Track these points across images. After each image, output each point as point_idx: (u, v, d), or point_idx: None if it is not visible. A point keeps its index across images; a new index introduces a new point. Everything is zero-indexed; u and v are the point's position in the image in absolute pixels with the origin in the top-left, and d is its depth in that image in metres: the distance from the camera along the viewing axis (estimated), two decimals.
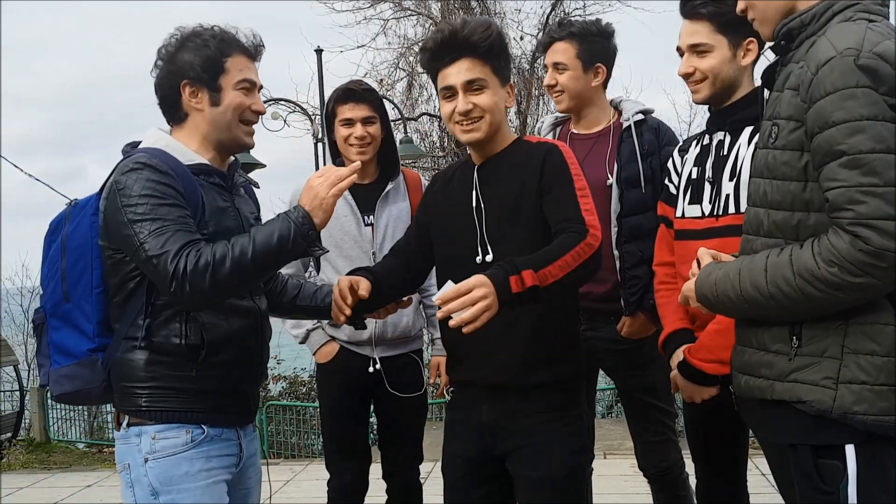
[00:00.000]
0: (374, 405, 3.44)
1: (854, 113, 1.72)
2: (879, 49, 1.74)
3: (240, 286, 2.15)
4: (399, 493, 3.44)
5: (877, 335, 1.79)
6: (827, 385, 1.82)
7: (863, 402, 1.78)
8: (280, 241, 2.08)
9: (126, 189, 2.07)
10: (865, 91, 1.72)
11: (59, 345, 2.23)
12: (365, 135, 3.27)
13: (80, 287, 2.18)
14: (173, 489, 2.12)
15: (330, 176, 2.17)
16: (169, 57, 2.23)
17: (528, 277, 2.08)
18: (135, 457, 2.14)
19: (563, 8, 13.57)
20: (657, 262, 2.82)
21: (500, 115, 2.41)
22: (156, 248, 2.01)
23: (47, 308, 2.24)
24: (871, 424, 1.78)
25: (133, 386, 2.15)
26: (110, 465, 8.03)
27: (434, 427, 8.94)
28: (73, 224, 2.22)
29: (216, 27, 2.25)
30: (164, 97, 2.26)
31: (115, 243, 2.13)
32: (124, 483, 2.18)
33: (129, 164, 2.11)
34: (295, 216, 2.12)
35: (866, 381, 1.79)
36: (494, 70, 2.38)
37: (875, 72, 1.72)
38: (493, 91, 2.38)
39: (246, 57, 2.26)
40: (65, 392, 2.22)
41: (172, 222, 2.05)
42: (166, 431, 2.13)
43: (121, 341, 2.16)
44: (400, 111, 12.18)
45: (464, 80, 2.36)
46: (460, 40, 2.34)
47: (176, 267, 2.00)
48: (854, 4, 1.88)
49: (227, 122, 2.23)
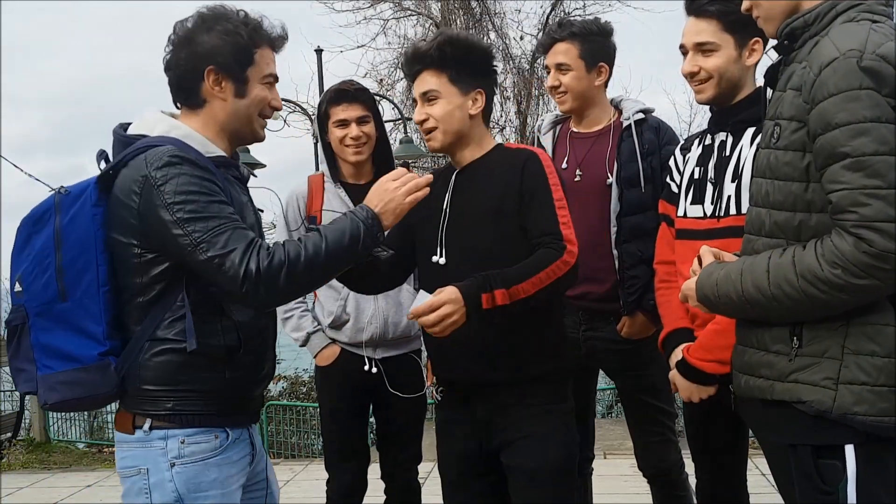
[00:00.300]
0: (374, 406, 3.44)
1: (857, 115, 1.71)
2: (882, 50, 1.74)
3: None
4: (398, 494, 3.44)
5: (877, 336, 1.79)
6: (827, 385, 1.82)
7: (863, 403, 1.78)
8: (351, 242, 2.04)
9: (168, 185, 1.94)
10: (868, 93, 1.72)
11: (51, 348, 2.02)
12: (360, 135, 3.27)
13: (81, 285, 1.99)
14: (200, 495, 2.03)
15: (408, 182, 2.16)
16: (189, 36, 2.09)
17: (499, 296, 2.22)
18: (157, 461, 2.02)
19: (563, 8, 13.58)
20: (658, 260, 2.82)
21: (457, 124, 2.45)
22: (218, 248, 1.91)
23: (31, 307, 2.02)
24: (870, 425, 1.78)
25: (161, 389, 2.03)
26: (110, 465, 8.03)
27: (434, 427, 8.96)
28: (68, 215, 2.00)
29: (242, 12, 2.12)
30: (179, 79, 2.11)
31: (152, 243, 1.99)
32: (135, 488, 2.05)
33: (164, 158, 1.97)
34: (364, 217, 2.08)
35: (866, 382, 1.78)
36: (451, 79, 2.42)
37: (878, 73, 1.72)
38: (448, 100, 2.42)
39: (271, 49, 2.17)
40: (64, 400, 2.02)
41: (227, 220, 1.96)
42: (196, 436, 2.04)
43: (144, 343, 2.03)
44: (400, 111, 12.19)
45: (419, 92, 2.46)
46: (418, 55, 2.45)
47: (247, 266, 1.90)
48: (858, 5, 1.87)
49: (248, 115, 2.15)
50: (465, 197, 2.46)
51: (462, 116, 2.44)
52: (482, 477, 2.48)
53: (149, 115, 2.14)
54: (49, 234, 2.01)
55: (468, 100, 2.44)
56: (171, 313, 2.03)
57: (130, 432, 2.06)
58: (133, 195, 1.98)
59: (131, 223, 1.99)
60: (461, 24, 13.66)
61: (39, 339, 2.03)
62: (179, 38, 2.11)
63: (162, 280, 2.02)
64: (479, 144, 2.50)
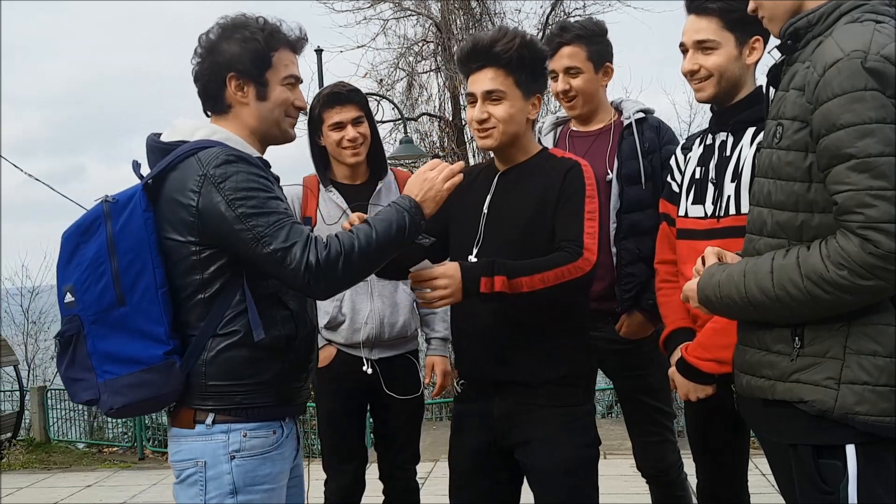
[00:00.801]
0: (371, 407, 3.44)
1: (862, 116, 1.71)
2: (886, 51, 1.74)
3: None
4: (397, 494, 3.43)
5: (879, 336, 1.80)
6: (829, 385, 1.82)
7: (864, 403, 1.79)
8: (398, 231, 2.13)
9: (229, 182, 2.03)
10: (873, 94, 1.72)
11: (110, 353, 2.05)
12: (357, 136, 3.26)
13: (139, 289, 2.04)
14: (253, 489, 2.11)
15: (444, 170, 2.24)
16: (211, 46, 2.19)
17: (498, 283, 2.25)
18: (217, 453, 2.09)
19: (562, 8, 13.55)
20: (659, 259, 2.82)
21: (515, 127, 2.45)
22: (280, 242, 2.01)
23: (86, 315, 2.05)
24: (872, 425, 1.79)
25: (228, 384, 2.09)
26: (110, 465, 8.03)
27: (434, 427, 8.96)
28: (119, 222, 2.05)
29: (261, 18, 2.22)
30: (205, 88, 2.22)
31: (212, 239, 2.06)
32: (189, 480, 2.11)
33: (222, 157, 2.07)
34: (407, 206, 2.17)
35: (868, 382, 1.79)
36: (517, 82, 2.42)
37: (882, 74, 1.72)
38: (512, 103, 2.42)
39: (290, 51, 2.25)
40: (130, 403, 2.06)
41: (285, 215, 2.06)
42: (258, 430, 2.12)
43: (207, 340, 2.09)
44: (400, 111, 12.18)
45: (483, 90, 2.42)
46: (485, 50, 2.41)
47: (307, 258, 2.00)
48: (862, 5, 1.87)
49: (274, 117, 2.23)
50: (506, 200, 2.48)
51: (521, 120, 2.47)
52: (492, 473, 2.49)
53: (181, 123, 2.21)
54: (101, 242, 2.05)
55: (528, 104, 2.47)
56: (232, 309, 2.09)
57: (190, 427, 2.12)
58: (191, 193, 2.05)
59: (189, 221, 2.06)
60: (461, 23, 13.65)
61: (97, 346, 2.06)
62: (203, 49, 2.20)
63: (222, 275, 2.09)
64: (527, 148, 2.52)
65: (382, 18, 13.54)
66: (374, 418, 3.49)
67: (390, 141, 12.50)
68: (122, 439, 9.73)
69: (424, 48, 13.82)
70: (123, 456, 8.80)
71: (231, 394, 2.10)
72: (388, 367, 3.33)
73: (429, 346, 3.50)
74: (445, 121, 13.80)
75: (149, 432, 8.98)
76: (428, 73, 13.98)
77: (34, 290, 14.30)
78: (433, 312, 3.45)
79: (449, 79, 13.37)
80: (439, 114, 13.91)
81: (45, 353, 13.82)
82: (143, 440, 8.72)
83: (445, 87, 13.68)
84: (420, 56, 13.84)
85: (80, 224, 2.09)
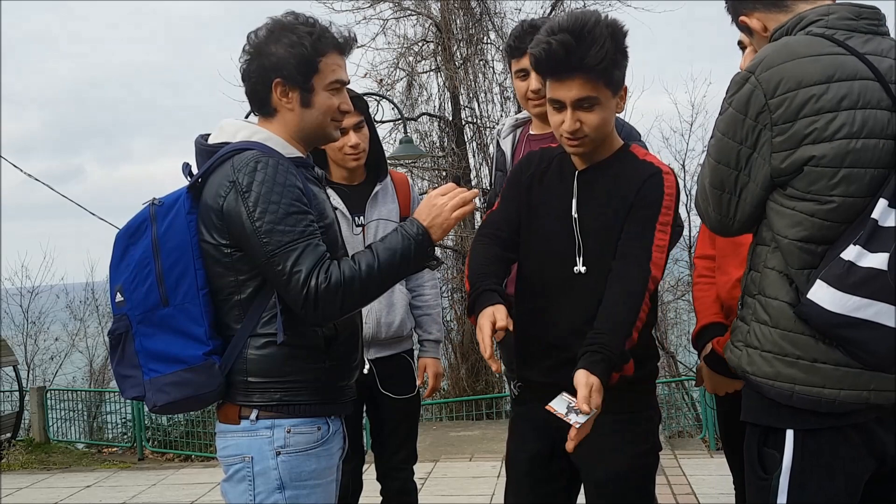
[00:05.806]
0: (367, 407, 3.43)
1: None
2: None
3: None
4: (393, 495, 3.43)
5: (769, 308, 1.95)
6: (739, 347, 2.02)
7: (752, 364, 1.97)
8: (403, 259, 2.12)
9: (253, 193, 2.05)
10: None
11: (155, 352, 2.12)
12: (359, 142, 3.24)
13: (181, 290, 2.11)
14: (300, 485, 2.13)
15: (455, 197, 2.19)
16: (259, 47, 2.18)
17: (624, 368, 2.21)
18: (263, 449, 2.12)
19: (563, 8, 13.55)
20: (698, 254, 2.83)
21: (608, 129, 2.32)
22: (288, 264, 2.03)
23: (134, 315, 2.12)
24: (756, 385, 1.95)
25: (267, 381, 2.13)
26: (110, 465, 8.04)
27: (434, 427, 8.95)
28: (164, 224, 2.12)
29: (311, 19, 2.21)
30: (252, 90, 2.22)
31: (238, 242, 2.10)
32: (237, 476, 2.15)
33: (251, 163, 2.08)
34: (414, 233, 2.14)
35: (757, 347, 1.96)
36: (607, 83, 2.24)
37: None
38: (605, 106, 2.26)
39: (338, 54, 2.23)
40: (173, 401, 2.12)
41: (300, 235, 2.05)
42: (301, 426, 2.14)
43: (246, 339, 2.13)
44: (400, 111, 12.16)
45: (574, 98, 2.23)
46: (579, 60, 2.18)
47: (308, 287, 2.02)
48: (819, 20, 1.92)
49: (318, 123, 2.23)
50: (592, 203, 2.34)
51: (612, 119, 2.32)
52: (549, 480, 2.43)
53: (227, 124, 2.23)
54: (147, 244, 2.12)
55: (617, 99, 2.30)
56: (268, 311, 2.13)
57: (236, 422, 2.15)
58: (219, 198, 2.09)
59: (218, 225, 2.11)
60: (461, 23, 13.65)
61: (144, 345, 2.13)
62: (252, 48, 2.20)
63: (255, 276, 2.12)
64: (611, 145, 2.37)
65: (382, 18, 13.54)
66: (369, 418, 3.49)
67: (390, 141, 12.50)
68: (121, 440, 9.75)
69: (424, 48, 13.83)
70: (123, 456, 8.82)
71: (272, 390, 2.13)
72: (384, 367, 3.33)
73: (421, 347, 3.50)
74: (445, 121, 13.82)
75: (148, 433, 8.99)
76: (428, 73, 14.00)
77: (34, 291, 14.31)
78: (426, 314, 3.45)
79: (449, 79, 13.39)
80: (439, 114, 13.92)
81: (45, 354, 13.85)
82: (143, 441, 8.73)
83: (445, 87, 13.70)
84: (420, 56, 13.85)
85: (129, 226, 2.16)
